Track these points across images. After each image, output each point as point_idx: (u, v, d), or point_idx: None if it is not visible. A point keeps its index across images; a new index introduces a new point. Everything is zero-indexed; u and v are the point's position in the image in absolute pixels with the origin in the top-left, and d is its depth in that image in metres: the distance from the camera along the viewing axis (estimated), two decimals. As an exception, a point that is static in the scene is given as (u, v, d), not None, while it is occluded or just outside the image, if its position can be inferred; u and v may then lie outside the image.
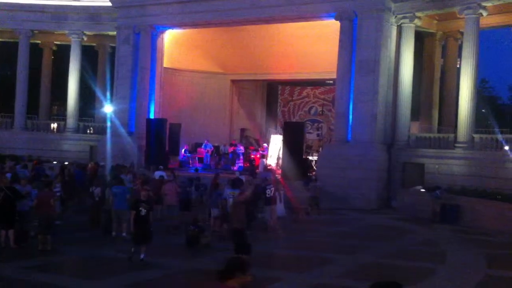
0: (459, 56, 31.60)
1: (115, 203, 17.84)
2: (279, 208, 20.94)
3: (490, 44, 48.11)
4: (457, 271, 15.00)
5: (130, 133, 35.49)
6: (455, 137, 28.49)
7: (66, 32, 39.37)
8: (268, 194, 20.02)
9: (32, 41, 40.72)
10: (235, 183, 19.12)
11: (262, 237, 18.90)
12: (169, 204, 19.87)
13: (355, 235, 21.03)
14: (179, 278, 13.73)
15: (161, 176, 22.32)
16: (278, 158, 34.24)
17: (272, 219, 19.79)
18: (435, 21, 32.39)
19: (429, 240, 20.23)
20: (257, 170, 31.51)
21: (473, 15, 27.65)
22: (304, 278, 13.70)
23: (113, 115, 35.43)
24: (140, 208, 14.34)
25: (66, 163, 30.10)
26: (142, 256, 14.18)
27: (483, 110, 39.94)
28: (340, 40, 30.41)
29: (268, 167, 33.26)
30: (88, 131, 40.12)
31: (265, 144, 37.17)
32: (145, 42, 35.92)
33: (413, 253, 17.72)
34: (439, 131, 32.47)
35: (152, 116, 35.87)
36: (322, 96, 40.10)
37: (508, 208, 22.18)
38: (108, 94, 37.42)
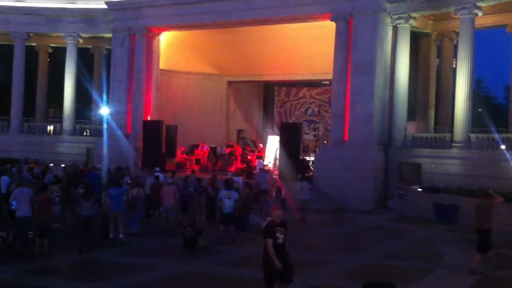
0: (455, 56, 31.68)
1: (111, 205, 17.83)
2: None
3: (485, 44, 48.21)
4: (454, 271, 15.03)
5: (126, 135, 35.46)
6: (452, 137, 28.54)
7: (62, 34, 39.29)
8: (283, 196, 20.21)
9: (27, 43, 40.66)
10: (230, 184, 19.10)
11: (258, 237, 18.94)
12: (167, 207, 19.82)
13: (352, 236, 21.07)
14: (177, 280, 13.72)
15: (157, 177, 22.28)
16: (275, 159, 34.27)
17: None
18: (431, 22, 32.46)
19: (426, 240, 20.28)
20: (254, 171, 31.54)
21: (468, 15, 27.71)
22: (300, 280, 13.69)
23: (109, 117, 35.39)
24: (276, 234, 10.51)
25: (52, 165, 30.20)
26: None
27: (479, 110, 40.04)
28: (336, 41, 30.45)
29: (265, 168, 33.26)
30: (84, 134, 40.05)
31: (261, 145, 37.19)
32: (140, 44, 35.91)
33: (410, 253, 17.76)
34: (435, 131, 32.54)
35: (148, 118, 35.87)
36: (319, 97, 40.11)
37: (505, 207, 22.17)
38: (104, 96, 37.39)
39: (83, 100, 43.18)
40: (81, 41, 39.67)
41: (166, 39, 37.71)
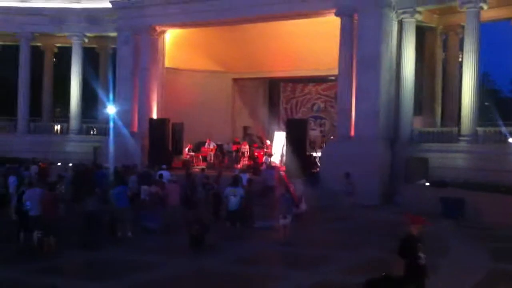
0: (461, 50, 31.52)
1: (117, 202, 17.96)
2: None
3: (491, 37, 47.93)
4: (461, 265, 15.00)
5: (133, 134, 35.56)
6: (459, 131, 28.44)
7: (67, 34, 39.41)
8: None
9: (33, 44, 40.76)
10: (236, 181, 19.11)
11: (264, 234, 18.94)
12: (172, 204, 19.86)
13: (358, 231, 21.01)
14: (185, 278, 13.75)
15: (161, 176, 22.33)
16: (282, 155, 34.27)
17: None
18: (436, 16, 32.29)
19: (432, 235, 20.13)
20: (261, 168, 31.55)
21: (474, 9, 27.56)
22: (307, 275, 13.72)
23: (115, 116, 35.45)
24: (419, 253, 8.79)
25: (59, 164, 30.40)
26: None
27: (486, 103, 39.85)
28: (341, 37, 30.35)
29: (272, 164, 33.26)
30: (91, 132, 40.20)
31: (268, 141, 37.19)
32: (145, 43, 35.95)
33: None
34: (442, 125, 32.40)
35: (154, 116, 35.94)
36: (325, 93, 40.03)
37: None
38: (110, 95, 37.48)
39: (90, 99, 43.25)
40: (86, 40, 39.76)
41: (171, 38, 37.76)
